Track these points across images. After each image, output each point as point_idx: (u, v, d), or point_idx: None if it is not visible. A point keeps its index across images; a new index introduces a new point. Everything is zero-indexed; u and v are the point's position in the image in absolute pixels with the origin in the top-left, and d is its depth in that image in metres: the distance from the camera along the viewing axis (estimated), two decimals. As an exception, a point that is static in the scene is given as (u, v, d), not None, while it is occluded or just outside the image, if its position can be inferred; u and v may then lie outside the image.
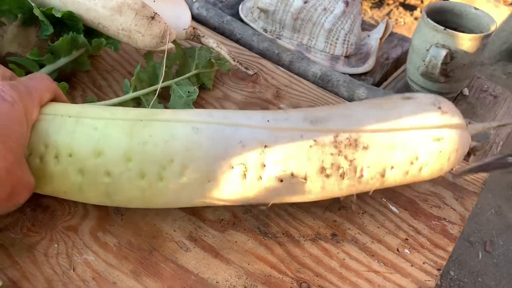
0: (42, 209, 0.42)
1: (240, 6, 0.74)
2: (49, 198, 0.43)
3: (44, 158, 0.37)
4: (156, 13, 0.48)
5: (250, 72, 0.53)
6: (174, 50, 0.53)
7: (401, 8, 2.11)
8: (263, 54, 0.65)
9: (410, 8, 2.11)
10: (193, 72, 0.55)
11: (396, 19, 2.04)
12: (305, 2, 0.64)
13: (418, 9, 2.10)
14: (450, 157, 0.42)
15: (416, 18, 2.04)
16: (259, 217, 0.44)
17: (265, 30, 0.70)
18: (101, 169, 0.37)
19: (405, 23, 2.03)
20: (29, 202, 0.42)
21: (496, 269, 1.12)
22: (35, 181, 0.37)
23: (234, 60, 0.53)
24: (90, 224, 0.42)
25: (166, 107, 0.52)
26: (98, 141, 0.37)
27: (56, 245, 0.40)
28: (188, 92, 0.52)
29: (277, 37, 0.69)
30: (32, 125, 0.37)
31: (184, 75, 0.54)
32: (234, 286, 0.39)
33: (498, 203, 0.43)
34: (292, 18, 0.66)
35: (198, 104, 0.56)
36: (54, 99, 0.41)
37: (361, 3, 0.65)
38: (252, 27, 0.71)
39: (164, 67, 0.50)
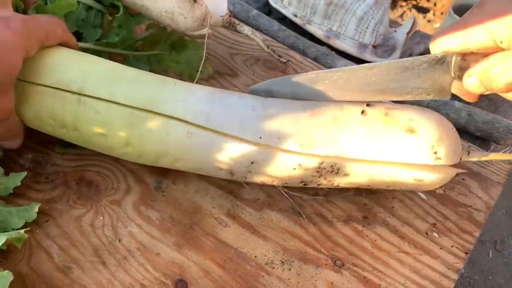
0: (86, 184, 0.44)
1: (270, -6, 0.76)
2: (93, 173, 0.45)
3: (54, 127, 0.41)
4: (197, -4, 0.50)
5: (283, 60, 0.55)
6: (211, 36, 0.55)
7: (414, 10, 2.12)
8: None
9: (423, 10, 2.13)
10: (153, 52, 0.55)
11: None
12: (341, -11, 0.66)
13: (431, 11, 2.11)
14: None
15: (429, 21, 2.05)
16: (293, 198, 0.46)
17: (295, 15, 0.72)
18: (104, 144, 0.41)
19: (418, 26, 2.04)
20: (74, 176, 0.44)
21: (506, 268, 1.14)
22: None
23: (268, 47, 0.55)
24: (133, 199, 0.44)
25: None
26: (100, 124, 0.40)
27: (101, 218, 0.42)
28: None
29: (306, 23, 0.71)
30: (27, 58, 0.38)
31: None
32: (272, 260, 0.41)
33: (509, 203, 0.44)
34: (325, 3, 0.67)
35: (228, 89, 0.57)
36: (65, 45, 0.43)
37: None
38: (281, 18, 0.72)
39: (205, 50, 0.51)
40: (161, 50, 0.55)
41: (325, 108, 0.41)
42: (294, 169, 0.40)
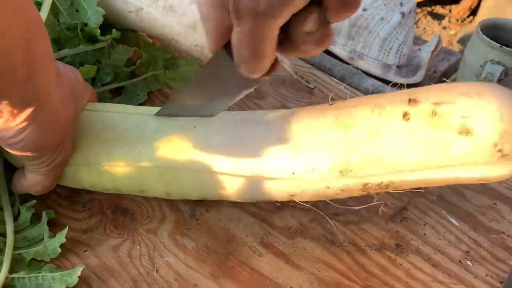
0: (122, 212, 0.45)
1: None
2: (128, 201, 0.46)
3: (96, 189, 0.44)
4: (227, 28, 0.50)
5: (312, 86, 0.55)
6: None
7: (429, 17, 2.11)
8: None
9: (438, 17, 2.12)
10: (149, 73, 0.55)
11: (424, 28, 2.04)
12: (364, 10, 0.66)
13: (447, 18, 2.10)
14: None
15: (444, 28, 2.04)
16: (325, 226, 0.46)
17: (318, 39, 0.72)
18: (147, 195, 0.44)
19: (433, 32, 2.03)
20: (109, 204, 0.45)
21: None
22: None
23: (296, 74, 0.55)
24: (168, 228, 0.44)
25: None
26: (137, 185, 0.42)
27: (138, 247, 0.42)
28: (138, 95, 0.55)
29: (331, 43, 0.71)
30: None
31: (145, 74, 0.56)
32: (307, 291, 0.41)
33: None
34: (349, 25, 0.68)
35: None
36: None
37: (415, 17, 0.67)
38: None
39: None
40: (156, 70, 0.55)
41: (359, 118, 0.36)
42: (337, 194, 0.40)
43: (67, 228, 0.41)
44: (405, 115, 0.35)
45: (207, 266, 0.42)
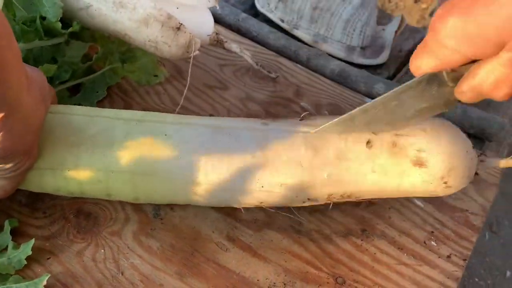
0: (85, 216, 0.44)
1: (256, -3, 0.75)
2: (90, 204, 0.45)
3: (60, 193, 0.43)
4: (181, 24, 0.49)
5: (273, 75, 0.55)
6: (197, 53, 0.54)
7: (400, -10, 2.10)
8: (279, 52, 0.66)
9: (410, -10, 2.11)
10: (107, 67, 0.54)
11: (396, 3, 2.04)
12: (325, -7, 0.65)
13: (418, -9, 2.09)
14: None
15: (416, 1, 2.04)
16: (291, 216, 0.46)
17: (282, 20, 0.71)
18: (114, 199, 0.44)
19: (405, 7, 2.03)
20: (71, 208, 0.44)
21: (503, 249, 1.16)
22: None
23: (257, 64, 0.54)
24: (132, 229, 0.44)
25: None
26: (105, 190, 0.41)
27: (102, 251, 0.42)
28: (97, 92, 0.54)
29: (294, 27, 0.70)
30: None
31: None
32: (274, 283, 0.41)
33: (502, 184, 0.45)
34: (311, 8, 0.67)
35: (221, 105, 0.57)
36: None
37: (376, -3, 0.66)
38: (268, 20, 0.72)
39: (190, 73, 0.51)
40: (113, 64, 0.54)
41: (327, 142, 0.40)
42: (304, 202, 0.42)
43: (33, 240, 0.40)
44: (368, 142, 0.39)
45: (172, 266, 0.41)
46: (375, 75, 0.68)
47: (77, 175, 0.40)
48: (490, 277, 1.11)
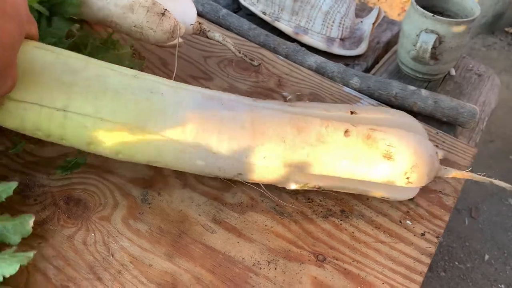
0: (75, 202, 0.46)
1: (238, -8, 0.77)
2: (80, 191, 0.47)
3: (40, 135, 0.42)
4: (166, 9, 0.51)
5: (255, 63, 0.57)
6: (182, 44, 0.56)
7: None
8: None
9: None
10: (85, 52, 0.53)
11: (378, -4, 2.07)
12: (304, -14, 0.67)
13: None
14: None
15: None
16: (274, 199, 0.48)
17: (264, 13, 0.73)
18: (93, 150, 0.43)
19: (387, 0, 2.06)
20: (61, 195, 0.46)
21: (481, 234, 1.20)
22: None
23: (239, 52, 0.56)
24: (121, 213, 0.45)
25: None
26: (89, 138, 0.41)
27: (92, 235, 0.44)
28: None
29: (275, 20, 0.72)
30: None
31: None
32: (259, 261, 0.43)
33: (480, 171, 0.48)
34: (291, 0, 0.69)
35: (206, 95, 0.59)
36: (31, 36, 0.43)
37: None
38: (251, 14, 0.74)
39: (176, 60, 0.53)
40: (91, 53, 0.54)
41: (311, 125, 0.43)
42: (279, 180, 0.45)
43: (15, 183, 0.42)
44: (346, 131, 0.43)
45: (161, 247, 0.43)
46: (354, 65, 0.71)
47: (63, 116, 0.40)
48: (470, 261, 1.15)
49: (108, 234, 0.44)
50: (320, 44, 0.70)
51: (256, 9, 0.74)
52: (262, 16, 0.74)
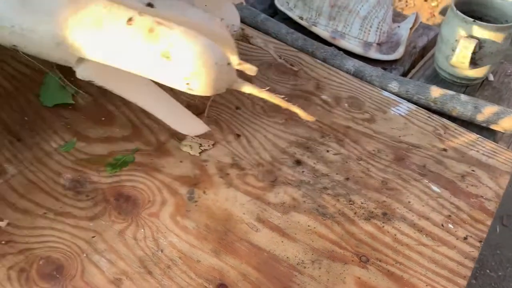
0: (125, 199, 0.47)
1: (275, -2, 0.79)
2: (129, 188, 0.48)
3: None
4: (222, 18, 0.52)
5: (295, 68, 0.58)
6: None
7: (410, -11, 2.12)
8: (298, 51, 0.69)
9: (419, -11, 2.13)
10: None
11: (406, 1, 2.06)
12: (343, -9, 0.68)
13: (427, -11, 2.11)
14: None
15: (426, 0, 2.06)
16: (316, 200, 0.49)
17: (301, 18, 0.74)
18: None
19: (415, 5, 2.05)
20: (112, 192, 0.48)
21: (513, 242, 1.18)
22: None
23: (280, 58, 0.57)
24: (169, 210, 0.47)
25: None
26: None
27: (142, 230, 0.45)
28: None
29: (312, 24, 0.73)
30: None
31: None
32: (303, 260, 0.44)
33: None
34: (329, 5, 0.70)
35: (246, 97, 0.60)
36: None
37: (392, -4, 0.69)
38: (287, 18, 0.75)
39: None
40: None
41: (91, 5, 0.40)
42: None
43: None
44: (130, 19, 0.40)
45: (208, 244, 0.45)
46: (391, 70, 0.71)
47: None
48: (501, 269, 1.13)
49: (157, 230, 0.45)
50: (357, 49, 0.71)
51: (293, 14, 0.75)
52: (299, 21, 0.75)
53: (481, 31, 0.61)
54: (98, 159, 0.51)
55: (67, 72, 0.52)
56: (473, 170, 0.54)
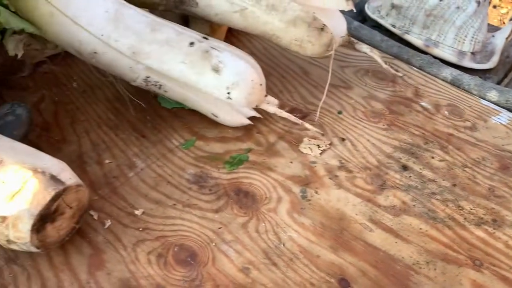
0: (244, 194, 0.51)
1: (366, 6, 0.80)
2: (247, 185, 0.52)
3: None
4: (325, 24, 0.55)
5: (400, 74, 0.59)
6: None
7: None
8: (392, 58, 0.71)
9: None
10: None
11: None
12: (441, 0, 0.69)
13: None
14: None
15: (495, 6, 2.00)
16: (425, 204, 0.51)
17: (394, 26, 0.76)
18: None
19: (483, 12, 2.00)
20: (231, 187, 0.51)
21: None
22: None
23: (385, 63, 0.59)
24: (285, 207, 0.50)
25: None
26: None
27: (263, 224, 0.48)
28: None
29: (405, 32, 0.75)
30: None
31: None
32: (418, 261, 0.46)
33: None
34: (425, 15, 0.71)
35: (347, 102, 0.63)
36: None
37: (489, 4, 0.69)
38: (379, 26, 0.77)
39: (330, 71, 0.57)
40: None
41: (165, 29, 0.52)
42: (129, 68, 0.52)
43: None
44: (192, 43, 0.52)
45: (325, 240, 0.47)
46: (484, 79, 0.71)
47: None
48: None
49: (277, 225, 0.48)
50: (451, 57, 0.72)
51: (386, 22, 0.77)
52: (391, 28, 0.76)
53: None
54: (216, 157, 0.55)
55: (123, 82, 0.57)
56: None
